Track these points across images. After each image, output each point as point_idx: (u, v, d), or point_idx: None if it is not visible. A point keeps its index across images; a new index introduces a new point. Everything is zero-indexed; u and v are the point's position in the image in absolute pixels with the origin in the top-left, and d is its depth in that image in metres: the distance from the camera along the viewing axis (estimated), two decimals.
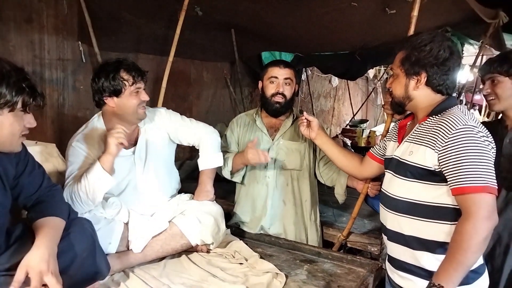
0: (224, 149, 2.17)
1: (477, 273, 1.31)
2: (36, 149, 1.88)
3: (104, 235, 1.60)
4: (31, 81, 1.21)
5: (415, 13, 1.87)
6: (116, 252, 1.67)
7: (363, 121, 7.83)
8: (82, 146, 1.73)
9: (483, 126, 1.29)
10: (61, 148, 1.96)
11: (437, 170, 1.29)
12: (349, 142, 5.92)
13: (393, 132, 1.60)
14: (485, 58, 3.55)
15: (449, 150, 1.24)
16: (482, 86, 1.77)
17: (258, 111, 2.25)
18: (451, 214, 1.30)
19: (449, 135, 1.25)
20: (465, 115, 1.29)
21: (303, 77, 6.13)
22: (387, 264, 1.54)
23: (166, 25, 2.91)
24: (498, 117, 1.94)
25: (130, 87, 1.72)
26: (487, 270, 1.37)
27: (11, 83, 1.15)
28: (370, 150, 1.77)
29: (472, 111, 6.55)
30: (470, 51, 3.84)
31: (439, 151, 1.26)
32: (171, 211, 1.87)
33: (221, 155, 2.02)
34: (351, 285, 1.64)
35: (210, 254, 1.85)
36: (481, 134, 1.25)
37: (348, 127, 7.22)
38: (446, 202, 1.30)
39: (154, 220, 1.81)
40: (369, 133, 6.47)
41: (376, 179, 1.91)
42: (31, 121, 1.25)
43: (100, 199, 1.66)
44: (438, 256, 1.29)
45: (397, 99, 1.46)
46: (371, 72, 7.98)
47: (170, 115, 1.98)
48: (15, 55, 2.42)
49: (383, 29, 3.11)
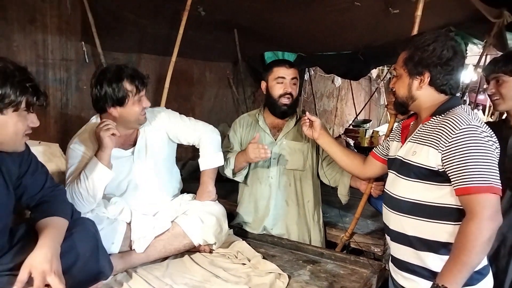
0: (227, 149, 2.16)
1: (481, 274, 1.30)
2: (39, 149, 1.89)
3: (107, 235, 1.60)
4: (34, 81, 1.22)
5: (418, 12, 1.86)
6: (119, 252, 1.68)
7: (366, 121, 7.81)
8: (80, 147, 1.73)
9: (487, 126, 1.28)
10: (64, 148, 1.96)
11: (440, 170, 1.28)
12: (352, 142, 5.90)
13: (396, 132, 1.59)
14: (489, 58, 3.53)
15: (452, 150, 1.23)
16: (486, 86, 1.76)
17: (261, 111, 2.25)
18: (454, 215, 1.29)
19: (453, 135, 1.24)
20: (468, 115, 1.28)
21: (306, 77, 6.11)
22: (391, 264, 1.53)
23: (169, 25, 2.91)
24: (502, 117, 1.93)
25: (133, 97, 1.70)
26: (491, 271, 1.36)
27: (15, 83, 1.15)
28: (373, 150, 1.76)
29: (475, 111, 6.52)
30: (473, 51, 3.81)
31: (443, 151, 1.26)
32: (173, 211, 1.88)
33: (221, 154, 2.01)
34: (354, 286, 1.63)
35: (213, 255, 1.85)
36: (485, 134, 1.24)
37: (351, 127, 7.21)
38: (449, 202, 1.30)
39: (156, 220, 1.81)
40: (372, 133, 6.45)
41: (379, 179, 1.90)
42: (34, 120, 1.26)
43: (101, 194, 1.66)
44: (443, 257, 1.28)
45: (400, 99, 1.45)
46: (374, 72, 7.94)
47: (169, 115, 1.97)
48: (19, 55, 2.43)
49: (386, 29, 3.09)
